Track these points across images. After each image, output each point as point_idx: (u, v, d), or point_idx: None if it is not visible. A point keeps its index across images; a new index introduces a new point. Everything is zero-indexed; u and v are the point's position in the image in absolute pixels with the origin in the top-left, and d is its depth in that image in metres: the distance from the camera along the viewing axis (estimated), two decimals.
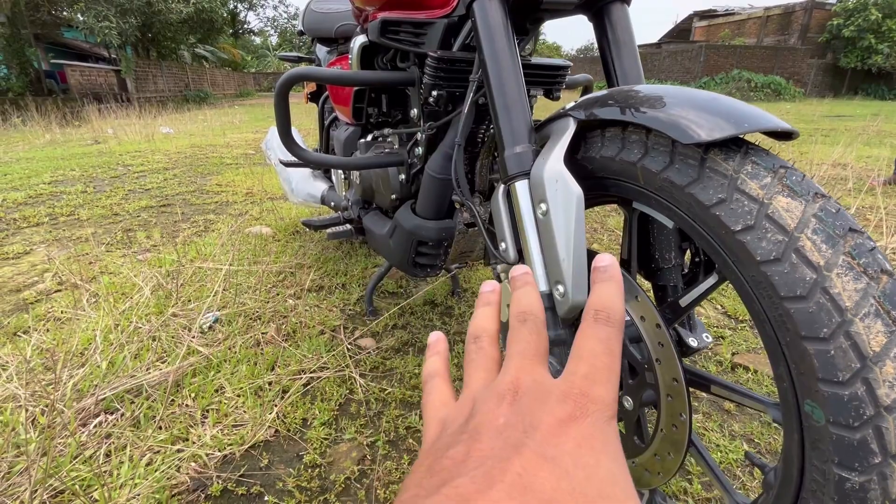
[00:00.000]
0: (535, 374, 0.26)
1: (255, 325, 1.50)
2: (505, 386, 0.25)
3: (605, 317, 0.26)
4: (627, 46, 0.83)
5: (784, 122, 0.50)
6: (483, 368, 0.29)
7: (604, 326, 0.26)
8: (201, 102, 15.83)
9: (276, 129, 1.03)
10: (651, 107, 0.56)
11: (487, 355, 0.29)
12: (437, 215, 1.10)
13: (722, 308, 1.69)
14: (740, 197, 0.48)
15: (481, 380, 0.28)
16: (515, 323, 0.29)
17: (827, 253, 0.44)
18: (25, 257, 2.15)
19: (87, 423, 1.07)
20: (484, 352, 0.30)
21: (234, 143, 6.01)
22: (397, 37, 1.01)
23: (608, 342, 0.25)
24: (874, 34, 18.46)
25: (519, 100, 0.72)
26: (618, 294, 0.27)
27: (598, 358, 0.25)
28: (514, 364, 0.26)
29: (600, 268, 0.28)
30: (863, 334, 0.41)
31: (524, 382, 0.25)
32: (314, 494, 0.94)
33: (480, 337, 0.30)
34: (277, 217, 2.71)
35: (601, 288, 0.28)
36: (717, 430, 1.10)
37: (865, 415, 0.41)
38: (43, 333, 1.44)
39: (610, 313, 0.26)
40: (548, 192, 0.61)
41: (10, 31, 11.90)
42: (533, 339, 0.28)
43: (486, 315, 0.32)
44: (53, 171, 4.14)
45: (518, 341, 0.28)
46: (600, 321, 0.26)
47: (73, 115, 9.30)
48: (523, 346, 0.27)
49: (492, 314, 0.32)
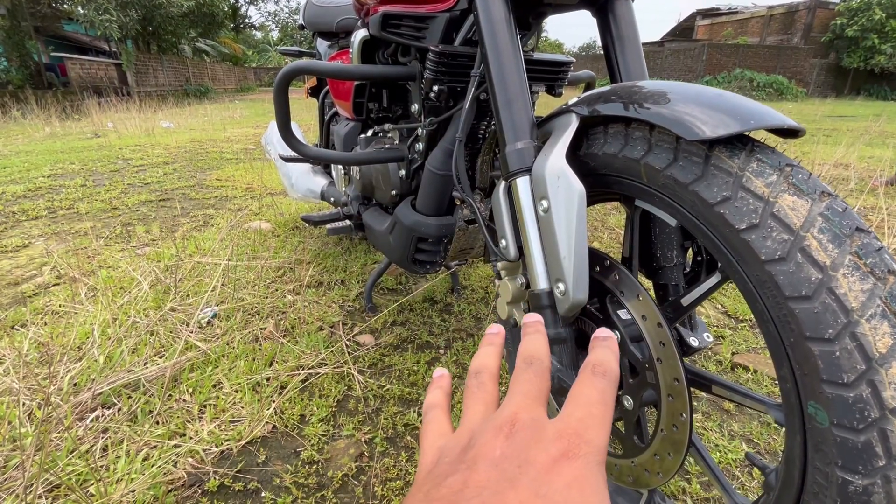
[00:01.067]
0: (534, 412, 0.27)
1: (253, 321, 1.50)
2: (503, 419, 0.26)
3: (602, 371, 0.28)
4: (631, 42, 0.82)
5: (790, 119, 0.49)
6: (482, 402, 0.30)
7: (600, 379, 0.28)
8: (202, 97, 15.79)
9: (276, 123, 1.02)
10: (655, 103, 0.55)
11: (487, 391, 0.31)
12: (438, 212, 1.09)
13: (722, 307, 1.69)
14: (745, 195, 0.47)
15: (479, 413, 0.29)
16: (521, 364, 0.30)
17: (833, 252, 0.43)
18: (24, 250, 2.14)
19: (84, 417, 1.07)
20: (484, 387, 0.31)
21: (234, 138, 5.99)
22: (398, 31, 1.00)
23: (604, 393, 0.27)
24: (878, 34, 18.39)
25: (521, 95, 0.71)
26: (614, 358, 0.29)
27: (593, 406, 0.26)
28: (514, 401, 0.28)
29: (600, 337, 0.31)
30: (869, 335, 0.40)
31: (522, 418, 0.26)
32: (311, 491, 0.93)
33: (481, 373, 0.32)
34: (277, 212, 2.70)
35: (600, 350, 0.30)
36: (717, 431, 1.09)
37: (870, 417, 0.40)
38: (41, 327, 1.43)
39: (606, 369, 0.28)
40: (549, 189, 0.61)
41: (10, 23, 11.85)
42: (536, 382, 0.29)
43: (489, 354, 0.33)
44: (53, 164, 4.13)
45: (522, 381, 0.29)
46: (597, 374, 0.28)
47: (73, 108, 9.28)
48: (526, 387, 0.29)
49: (494, 354, 0.34)
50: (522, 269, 0.74)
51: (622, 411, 0.67)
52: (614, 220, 2.66)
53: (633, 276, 0.64)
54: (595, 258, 0.68)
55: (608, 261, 0.67)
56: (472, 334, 1.49)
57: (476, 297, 1.75)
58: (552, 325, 0.65)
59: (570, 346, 0.66)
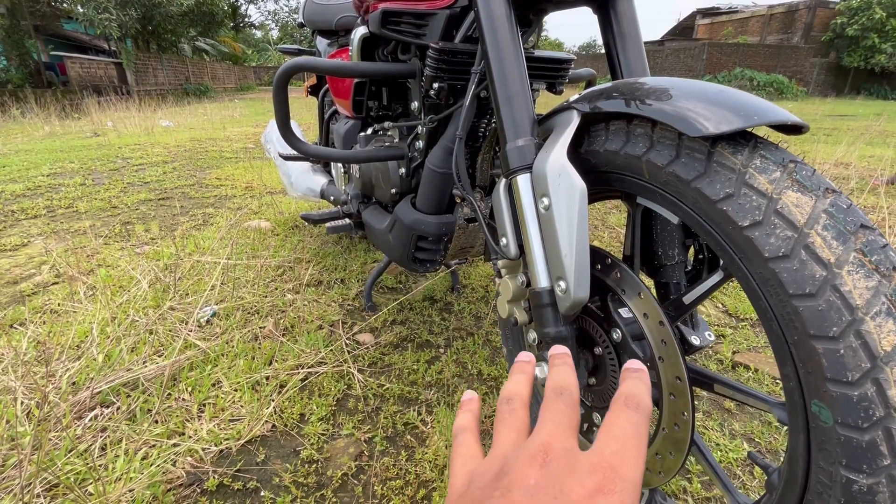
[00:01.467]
0: (566, 442, 0.27)
1: (253, 320, 1.49)
2: (536, 448, 0.26)
3: (635, 403, 0.28)
4: (632, 39, 0.82)
5: (794, 115, 0.49)
6: (514, 429, 0.30)
7: (633, 412, 0.27)
8: (201, 96, 15.77)
9: (275, 122, 1.02)
10: (657, 99, 0.55)
11: (519, 418, 0.31)
12: (438, 210, 1.08)
13: (723, 306, 1.68)
14: (748, 192, 0.47)
15: (511, 440, 0.29)
16: (551, 394, 0.31)
17: (837, 249, 0.42)
18: (23, 249, 2.14)
19: (83, 416, 1.06)
20: (515, 414, 0.31)
21: (233, 137, 5.99)
22: (398, 28, 1.00)
23: (638, 427, 0.27)
24: (878, 33, 18.37)
25: (521, 92, 0.70)
26: (647, 390, 0.29)
27: (627, 439, 0.26)
28: (546, 429, 0.28)
29: (631, 369, 0.31)
30: (874, 333, 0.40)
31: (555, 448, 0.26)
32: (311, 490, 0.93)
33: (513, 399, 0.32)
34: (276, 211, 2.70)
35: (633, 382, 0.30)
36: (718, 430, 1.09)
37: (875, 416, 0.40)
38: (39, 326, 1.43)
39: (639, 402, 0.28)
40: (550, 187, 0.60)
41: (9, 22, 11.83)
42: (567, 412, 0.29)
43: (520, 382, 0.34)
44: (52, 163, 4.13)
45: (553, 411, 0.29)
46: (630, 407, 0.28)
47: (73, 107, 9.26)
48: (557, 416, 0.29)
49: (525, 381, 0.34)
50: (523, 267, 0.74)
51: None
52: (615, 219, 2.66)
53: (634, 274, 0.64)
54: (596, 256, 0.68)
55: (609, 259, 0.67)
56: (472, 333, 1.49)
57: (476, 295, 1.75)
58: (553, 324, 0.65)
59: (571, 344, 0.66)
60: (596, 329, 0.69)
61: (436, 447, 1.02)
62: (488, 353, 1.39)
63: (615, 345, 0.66)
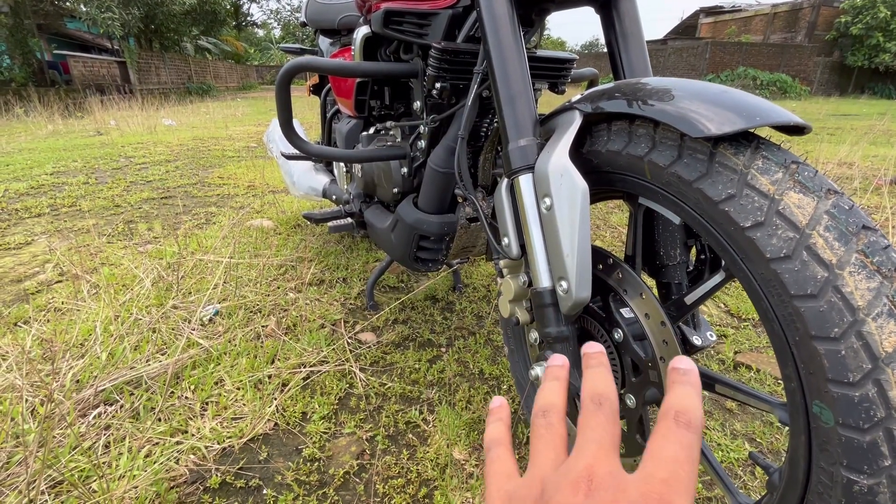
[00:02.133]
0: (610, 465, 0.25)
1: (255, 318, 1.50)
2: (578, 474, 0.24)
3: (687, 421, 0.25)
4: (635, 39, 0.82)
5: (796, 116, 0.49)
6: (552, 447, 0.28)
7: (685, 431, 0.24)
8: (204, 95, 15.79)
9: (277, 121, 1.02)
10: (659, 99, 0.55)
11: (556, 433, 0.29)
12: (440, 209, 1.09)
13: (724, 306, 1.68)
14: (750, 192, 0.47)
15: (550, 460, 0.27)
16: (590, 405, 0.28)
17: (839, 250, 0.42)
18: (27, 248, 2.15)
19: (87, 414, 1.07)
20: (553, 429, 0.29)
21: (236, 136, 6.00)
22: (401, 28, 1.00)
23: (690, 449, 0.24)
24: (882, 32, 18.28)
25: (524, 92, 0.71)
26: (698, 399, 0.26)
27: (679, 465, 0.23)
28: (589, 451, 0.26)
29: (680, 369, 0.27)
30: (875, 334, 0.40)
31: (599, 473, 0.24)
32: (313, 488, 0.93)
33: (549, 412, 0.30)
34: (279, 210, 2.70)
35: (682, 389, 0.26)
36: (719, 430, 1.09)
37: (876, 417, 0.40)
38: (43, 324, 1.44)
39: (691, 417, 0.25)
40: (552, 187, 0.60)
41: (13, 20, 11.86)
42: (609, 428, 0.27)
43: (554, 390, 0.31)
44: (55, 161, 4.14)
45: (594, 427, 0.27)
46: (681, 425, 0.25)
47: (76, 106, 9.29)
48: (599, 433, 0.27)
49: (560, 390, 0.32)
50: (525, 267, 0.74)
51: (625, 410, 0.67)
52: (617, 219, 2.65)
53: (636, 275, 0.64)
54: (598, 256, 0.68)
55: (611, 259, 0.67)
56: (473, 332, 1.49)
57: (478, 295, 1.75)
58: (555, 324, 0.65)
59: (572, 344, 0.66)
60: (598, 329, 0.69)
61: (437, 446, 1.03)
62: (490, 352, 1.39)
63: (617, 345, 0.66)
